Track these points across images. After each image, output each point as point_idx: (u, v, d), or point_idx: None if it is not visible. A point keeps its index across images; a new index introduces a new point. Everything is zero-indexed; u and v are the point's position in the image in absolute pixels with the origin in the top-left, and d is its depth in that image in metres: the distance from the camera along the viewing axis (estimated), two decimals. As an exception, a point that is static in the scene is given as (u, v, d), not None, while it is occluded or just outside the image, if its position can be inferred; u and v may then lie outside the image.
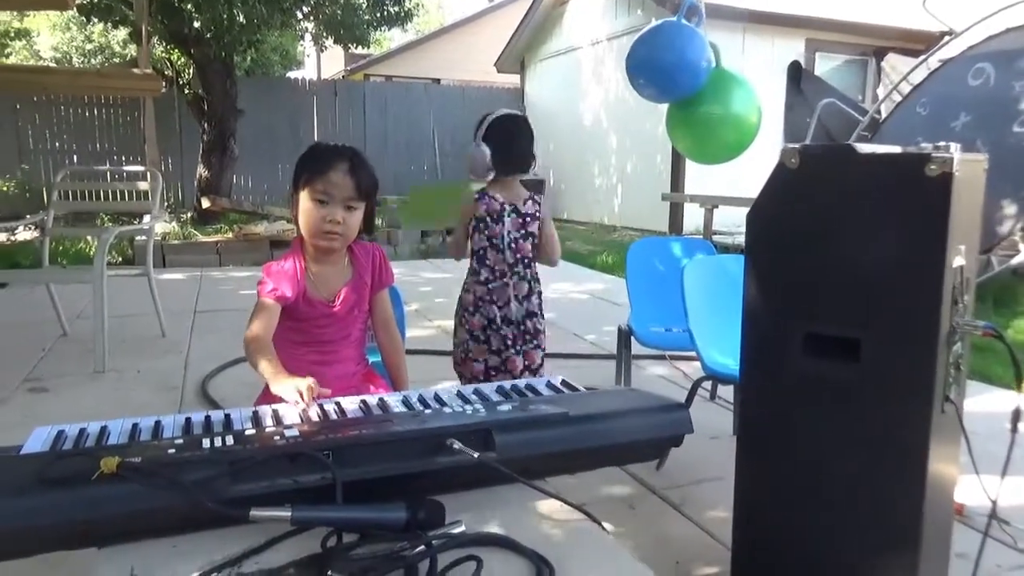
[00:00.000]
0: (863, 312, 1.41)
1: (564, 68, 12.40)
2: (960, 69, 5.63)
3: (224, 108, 9.90)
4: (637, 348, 3.04)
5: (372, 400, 1.50)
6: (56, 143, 11.65)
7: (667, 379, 3.72)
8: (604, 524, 1.25)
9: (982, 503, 2.16)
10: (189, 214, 10.26)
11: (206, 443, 1.19)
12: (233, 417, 1.39)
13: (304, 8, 10.32)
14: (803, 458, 1.55)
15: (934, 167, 1.30)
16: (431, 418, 1.33)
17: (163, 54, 11.67)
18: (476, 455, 1.20)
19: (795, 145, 1.51)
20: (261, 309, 1.78)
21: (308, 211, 1.78)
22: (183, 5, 8.92)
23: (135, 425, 1.34)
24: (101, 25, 13.86)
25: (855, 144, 1.47)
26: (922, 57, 6.54)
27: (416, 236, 8.96)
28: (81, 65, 17.67)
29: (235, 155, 10.18)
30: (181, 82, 11.30)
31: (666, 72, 2.89)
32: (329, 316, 1.85)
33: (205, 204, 9.68)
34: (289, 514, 1.07)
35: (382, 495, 1.13)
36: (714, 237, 6.72)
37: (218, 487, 1.09)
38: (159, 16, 8.92)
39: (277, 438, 1.22)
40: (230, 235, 8.31)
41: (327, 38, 11.22)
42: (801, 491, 1.55)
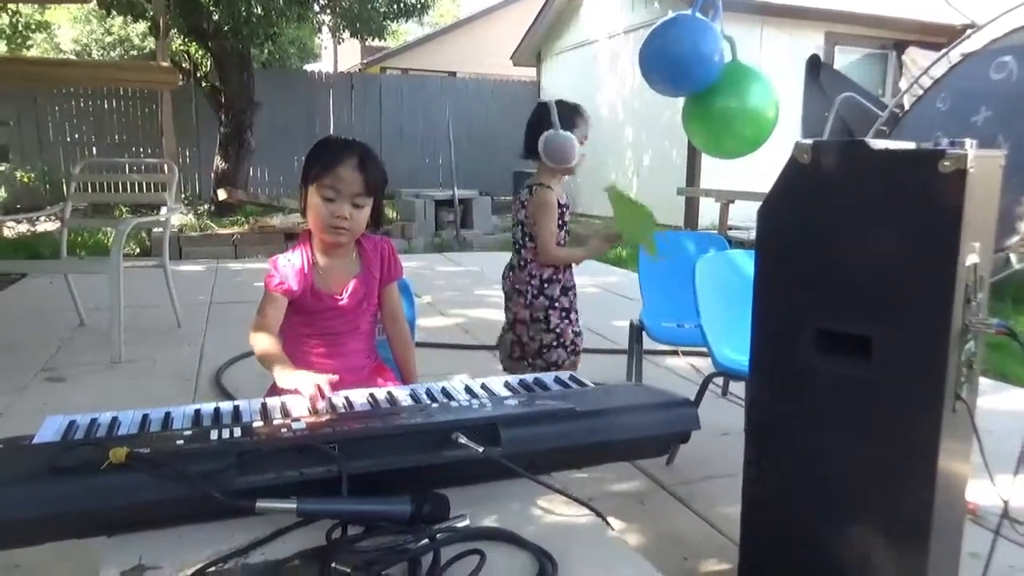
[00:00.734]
0: (875, 309, 1.40)
1: (581, 61, 12.35)
2: (982, 63, 5.54)
3: (241, 101, 9.95)
4: (649, 343, 3.03)
5: (380, 393, 1.50)
6: (75, 135, 11.76)
7: (679, 374, 3.70)
8: (610, 520, 1.24)
9: (996, 503, 2.15)
10: (206, 206, 10.33)
11: (214, 435, 1.20)
12: (242, 409, 1.40)
13: (321, 0, 10.35)
14: (812, 455, 1.54)
15: (948, 163, 1.29)
16: (437, 412, 1.33)
17: (181, 47, 11.74)
18: (481, 450, 1.20)
19: (808, 140, 1.49)
20: (267, 302, 1.79)
21: (315, 206, 1.79)
22: (201, -1, 8.98)
23: (145, 416, 1.35)
24: (121, 19, 13.96)
25: (868, 140, 1.45)
26: (943, 51, 6.45)
27: (431, 230, 8.98)
28: (100, 58, 17.81)
29: (252, 147, 10.23)
30: (199, 75, 11.38)
31: (678, 65, 2.86)
32: (337, 309, 1.86)
33: (221, 196, 9.75)
34: (295, 506, 1.08)
35: (387, 488, 1.13)
36: (729, 232, 6.69)
37: (225, 478, 1.10)
38: (177, 10, 8.97)
39: (284, 430, 1.23)
40: (246, 227, 8.37)
41: (343, 30, 11.23)
42: (810, 488, 1.55)
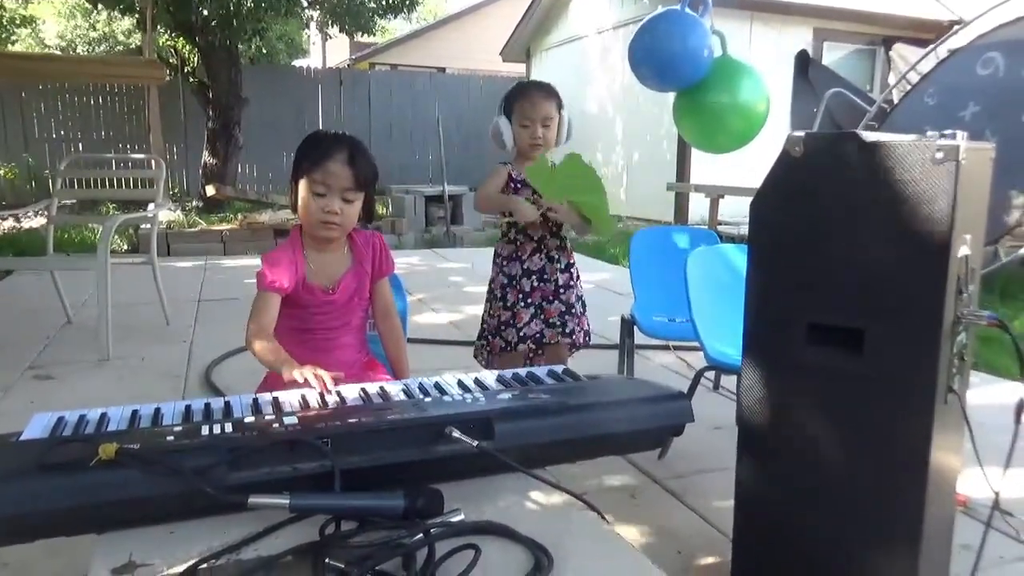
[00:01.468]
0: (867, 302, 1.40)
1: (570, 57, 12.33)
2: (969, 58, 5.57)
3: (229, 97, 9.90)
4: (640, 338, 3.03)
5: (372, 388, 1.50)
6: (61, 131, 11.67)
7: (670, 369, 3.71)
8: (604, 513, 1.24)
9: (986, 495, 2.16)
10: (194, 203, 10.27)
11: (205, 430, 1.19)
12: (233, 405, 1.39)
13: (309, -4, 10.31)
14: (804, 448, 1.54)
15: (940, 155, 1.29)
16: (431, 406, 1.33)
17: (168, 42, 11.66)
18: (475, 444, 1.20)
19: (799, 133, 1.49)
20: (261, 301, 1.78)
21: (306, 201, 1.78)
22: (188, -8, 8.91)
23: (135, 412, 1.34)
24: (105, 14, 13.85)
25: (860, 132, 1.45)
26: (931, 46, 6.48)
27: (421, 226, 8.97)
28: (86, 53, 17.66)
29: (240, 144, 10.18)
30: (186, 70, 11.30)
31: (667, 61, 2.87)
32: (329, 304, 1.85)
33: (210, 192, 9.69)
34: (287, 501, 1.07)
35: (381, 483, 1.13)
36: (719, 227, 6.70)
37: (216, 474, 1.09)
38: (164, 3, 8.90)
39: (276, 426, 1.22)
40: (235, 224, 8.32)
41: (332, 26, 11.18)
42: (802, 481, 1.55)
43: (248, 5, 9.07)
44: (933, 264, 1.32)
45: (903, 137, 1.41)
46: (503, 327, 2.47)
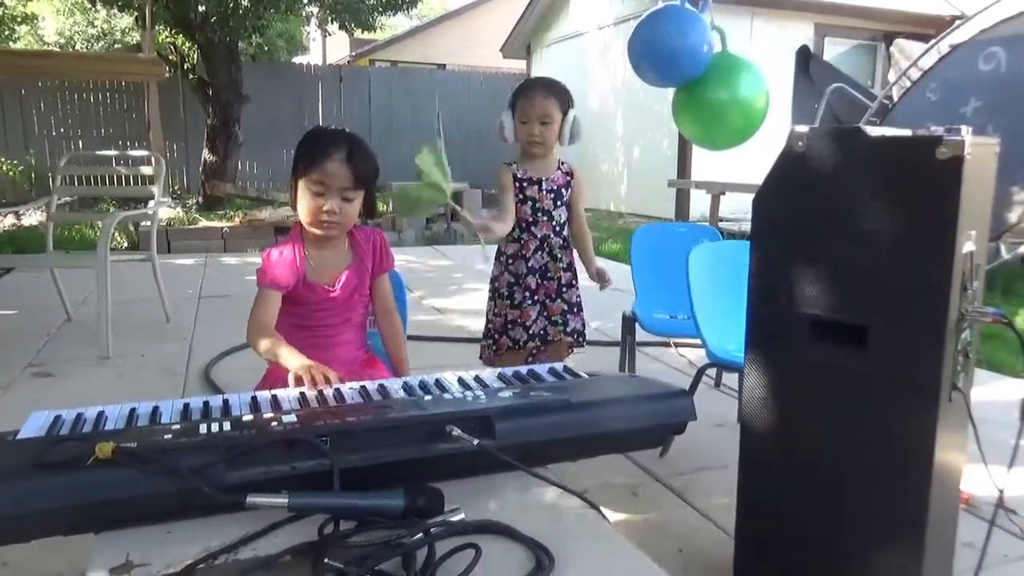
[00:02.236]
0: (870, 298, 1.39)
1: (570, 53, 12.32)
2: (971, 53, 5.55)
3: (229, 93, 9.87)
4: (642, 335, 3.02)
5: (372, 386, 1.49)
6: (61, 128, 11.67)
7: (671, 366, 3.70)
8: (605, 512, 1.23)
9: (990, 492, 2.15)
10: (194, 200, 10.26)
11: (203, 429, 1.18)
12: (231, 403, 1.38)
13: (309, -8, 10.29)
14: (807, 446, 1.53)
15: (945, 150, 1.28)
16: (431, 404, 1.32)
17: (167, 39, 11.64)
18: (476, 442, 1.19)
19: (802, 128, 1.48)
20: (261, 299, 1.77)
21: (304, 200, 1.77)
22: (188, -11, 8.89)
23: (132, 410, 1.33)
24: (104, 11, 13.82)
25: (864, 127, 1.44)
26: (933, 41, 6.46)
27: (421, 222, 8.95)
28: (84, 51, 17.63)
29: (240, 141, 10.16)
30: (186, 67, 11.28)
31: (667, 56, 2.86)
32: (329, 301, 1.84)
33: (210, 190, 9.68)
34: (286, 501, 1.06)
35: (380, 482, 1.12)
36: (720, 224, 6.69)
37: (214, 473, 1.08)
38: (164, 0, 8.88)
39: (274, 424, 1.21)
40: (235, 221, 8.31)
41: (332, 23, 11.15)
42: (805, 479, 1.54)
43: (247, 2, 9.05)
44: (938, 260, 1.31)
45: (907, 132, 1.40)
46: (510, 326, 2.47)
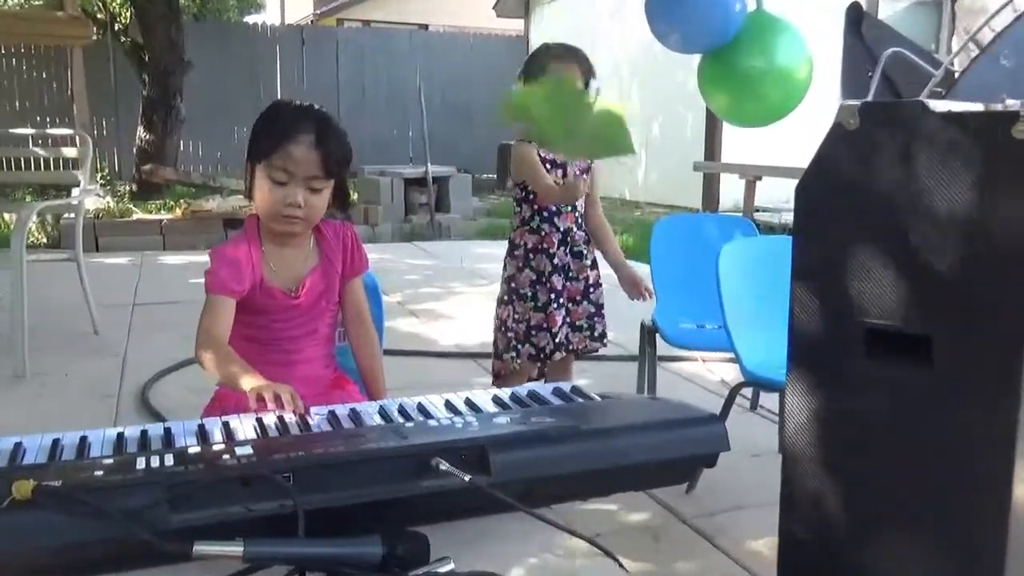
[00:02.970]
0: (936, 304, 1.40)
1: (577, 11, 12.36)
2: (1054, 12, 5.58)
3: (169, 59, 9.87)
4: (664, 348, 3.03)
5: (342, 411, 1.49)
6: (-35, 102, 11.65)
7: (699, 385, 3.71)
8: (622, 560, 1.24)
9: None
10: (127, 187, 10.25)
11: (141, 463, 1.18)
12: (174, 432, 1.38)
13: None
14: (862, 480, 1.53)
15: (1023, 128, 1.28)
16: (413, 433, 1.32)
17: (95, -7, 11.64)
18: (467, 478, 1.19)
19: (854, 102, 1.49)
20: (211, 307, 1.77)
21: (263, 190, 1.77)
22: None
23: (56, 441, 1.33)
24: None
25: (927, 100, 1.45)
26: (1008, -3, 6.49)
27: (400, 214, 8.96)
28: (-3, 8, 17.60)
29: (182, 116, 10.16)
30: (116, 28, 11.28)
31: (693, 16, 2.87)
32: (291, 309, 1.84)
33: (146, 175, 9.67)
34: (241, 549, 1.06)
35: (353, 526, 1.12)
36: (756, 215, 6.71)
37: (155, 516, 1.07)
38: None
39: (227, 457, 1.21)
40: (176, 212, 8.31)
41: (292, -25, 11.19)
42: (860, 519, 1.54)
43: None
44: (1016, 259, 1.31)
45: (978, 107, 1.41)
46: (533, 332, 2.49)
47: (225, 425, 1.41)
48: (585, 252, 2.53)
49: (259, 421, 1.44)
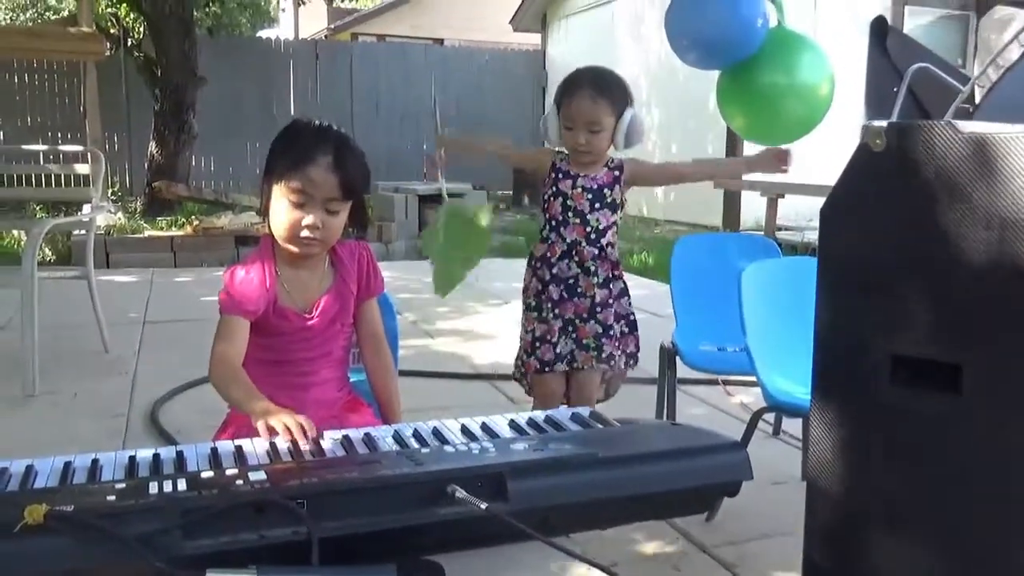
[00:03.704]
0: (966, 331, 1.39)
1: (595, 26, 12.41)
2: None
3: (181, 75, 9.97)
4: (684, 371, 3.02)
5: (356, 435, 1.49)
6: (-23, 117, 11.80)
7: (720, 410, 3.69)
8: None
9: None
10: (138, 203, 10.33)
11: (153, 488, 1.19)
12: (187, 455, 1.39)
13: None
14: (890, 511, 1.52)
15: (1056, 151, 1.28)
16: (429, 459, 1.32)
17: (108, 9, 11.78)
18: (484, 506, 1.19)
19: (880, 122, 1.49)
20: (226, 328, 1.78)
21: (280, 211, 1.78)
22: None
23: (68, 464, 1.34)
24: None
25: (955, 121, 1.45)
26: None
27: (414, 232, 8.99)
28: (8, 22, 17.88)
29: (194, 132, 10.25)
30: (130, 43, 11.41)
31: (713, 32, 2.88)
32: (305, 330, 1.85)
33: (157, 191, 9.75)
34: (253, 577, 1.07)
35: (368, 555, 1.12)
36: (779, 234, 6.70)
37: (167, 543, 1.08)
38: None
39: (240, 483, 1.21)
40: (187, 229, 8.37)
41: (306, -11, 11.30)
42: (888, 552, 1.53)
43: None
44: (1048, 285, 1.30)
45: (1009, 127, 1.40)
46: (538, 343, 2.52)
47: (238, 449, 1.42)
48: (594, 268, 2.52)
49: (272, 445, 1.45)
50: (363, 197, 1.87)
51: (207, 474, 1.27)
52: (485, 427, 1.54)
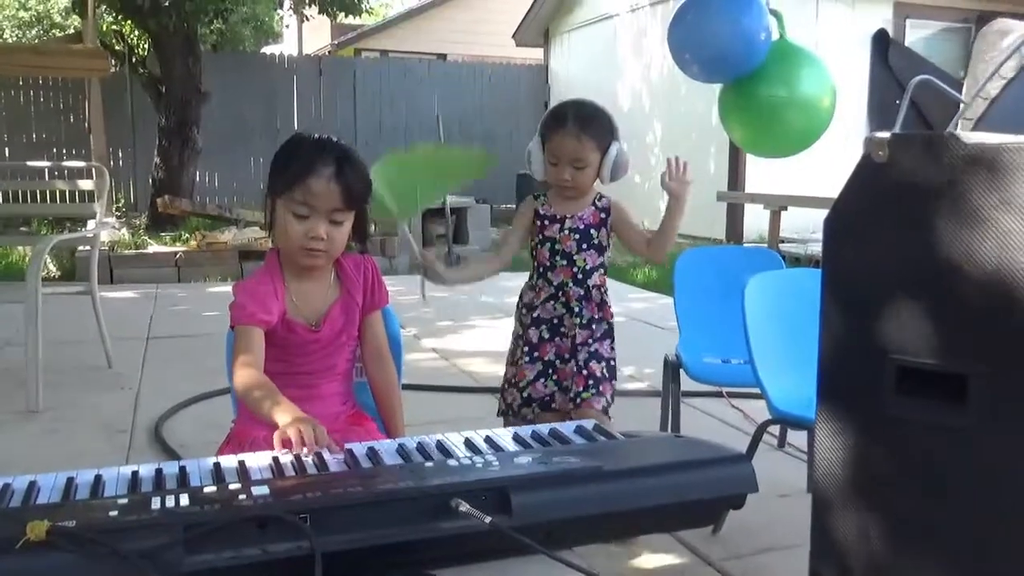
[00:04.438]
0: (971, 342, 1.38)
1: (597, 40, 12.45)
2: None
3: (185, 91, 10.02)
4: (688, 383, 3.01)
5: (360, 449, 1.49)
6: (-17, 133, 11.85)
7: (724, 422, 3.68)
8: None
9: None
10: (142, 219, 10.36)
11: (156, 503, 1.19)
12: (189, 470, 1.39)
13: (282, -31, 10.51)
14: (896, 523, 1.51)
15: (1059, 161, 1.28)
16: (433, 473, 1.32)
17: (113, 26, 11.85)
18: (488, 519, 1.19)
19: (883, 134, 1.49)
20: (243, 338, 1.78)
21: (285, 224, 1.79)
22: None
23: (70, 480, 1.34)
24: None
25: (959, 132, 1.45)
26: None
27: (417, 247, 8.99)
28: (14, 40, 17.99)
29: (198, 147, 10.29)
30: (134, 60, 11.47)
31: (715, 46, 2.89)
32: (311, 343, 1.86)
33: (161, 207, 9.78)
34: (257, 592, 1.06)
35: (371, 569, 1.12)
36: (782, 246, 6.69)
37: (170, 558, 1.08)
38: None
39: (243, 498, 1.21)
40: (191, 244, 8.38)
41: (310, 5, 11.34)
42: (895, 566, 1.52)
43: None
44: (1053, 295, 1.30)
45: (1012, 138, 1.40)
46: (507, 385, 2.55)
47: (241, 464, 1.42)
48: (578, 309, 2.49)
49: (275, 460, 1.44)
50: (365, 208, 1.87)
51: (210, 489, 1.26)
52: (489, 440, 1.53)
